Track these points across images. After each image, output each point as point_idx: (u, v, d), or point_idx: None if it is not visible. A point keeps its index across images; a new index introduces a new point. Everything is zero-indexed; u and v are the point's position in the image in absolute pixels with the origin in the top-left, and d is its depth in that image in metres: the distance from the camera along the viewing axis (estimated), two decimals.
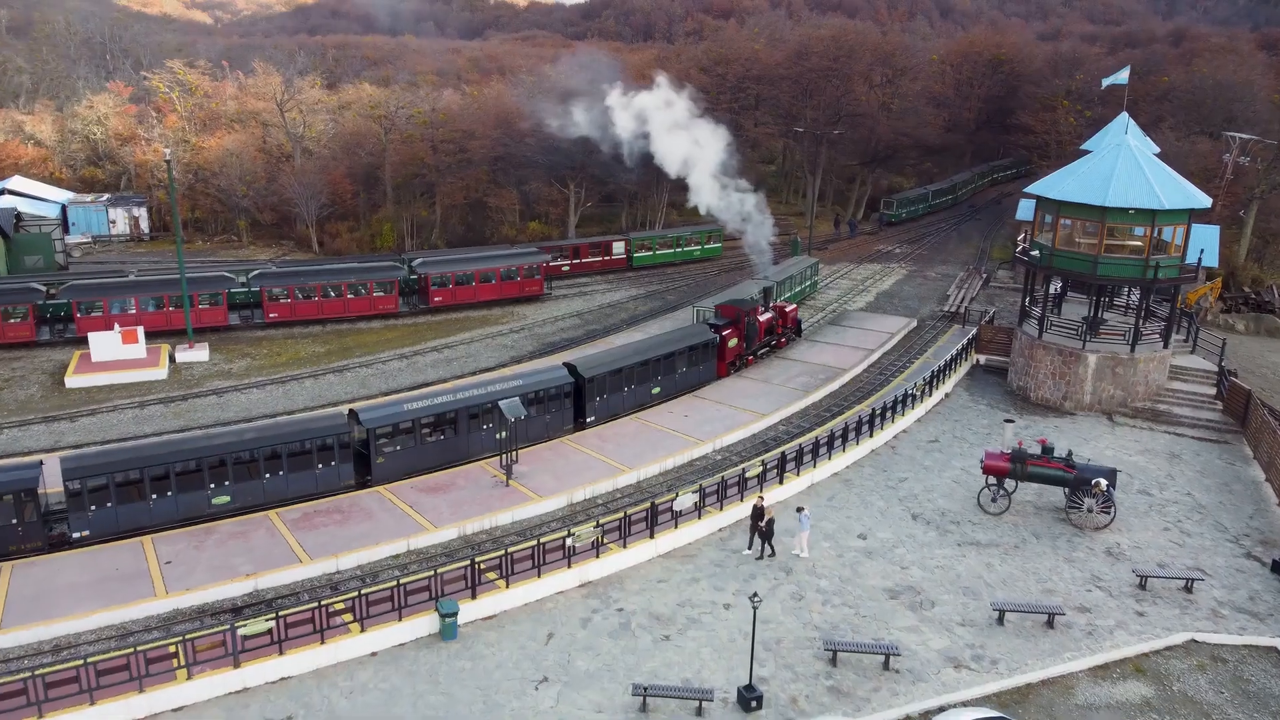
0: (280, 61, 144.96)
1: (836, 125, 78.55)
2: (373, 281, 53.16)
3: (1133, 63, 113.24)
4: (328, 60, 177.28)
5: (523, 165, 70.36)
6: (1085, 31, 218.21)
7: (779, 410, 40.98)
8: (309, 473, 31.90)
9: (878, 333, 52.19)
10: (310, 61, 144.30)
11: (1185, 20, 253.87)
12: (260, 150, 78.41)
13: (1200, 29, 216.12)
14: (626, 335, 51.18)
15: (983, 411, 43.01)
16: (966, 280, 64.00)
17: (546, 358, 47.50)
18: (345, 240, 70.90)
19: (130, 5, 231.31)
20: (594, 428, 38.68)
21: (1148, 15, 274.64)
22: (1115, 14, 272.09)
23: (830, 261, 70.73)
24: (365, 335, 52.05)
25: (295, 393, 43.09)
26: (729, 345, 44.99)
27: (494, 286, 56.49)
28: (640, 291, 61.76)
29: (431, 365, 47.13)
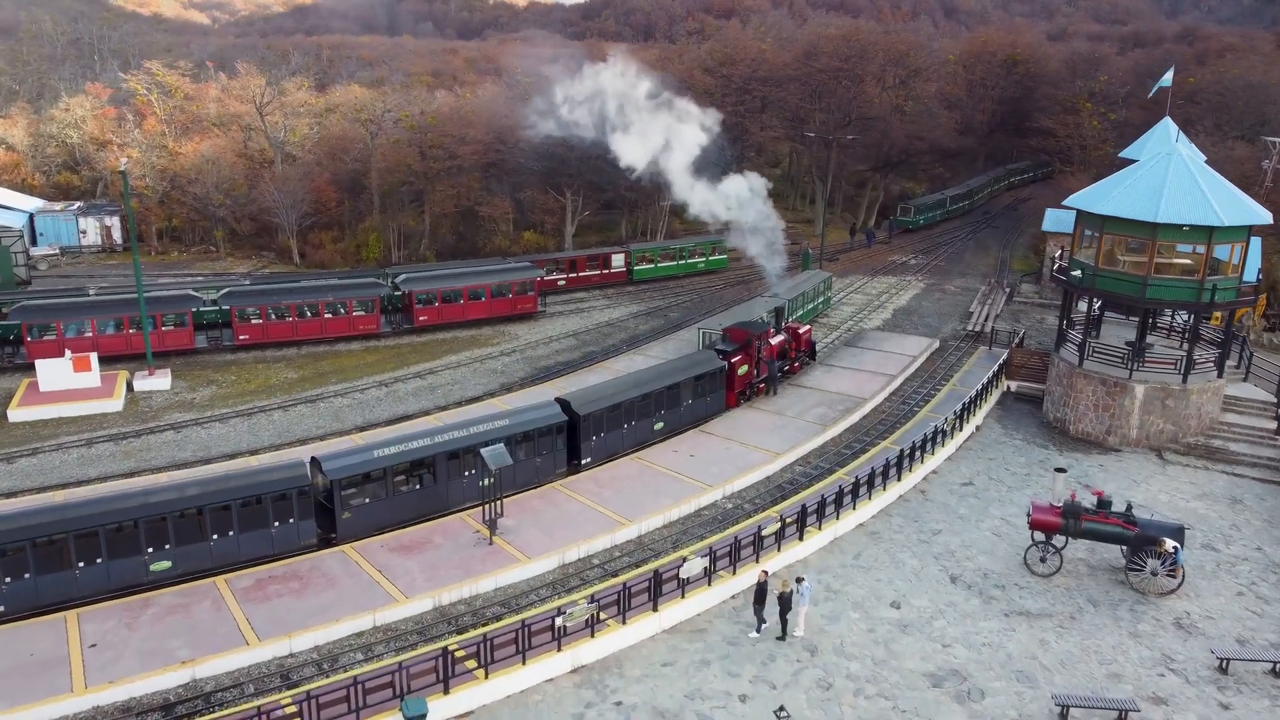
0: (273, 62, 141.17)
1: (847, 128, 74.60)
2: (352, 300, 49.21)
3: (1151, 63, 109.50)
4: (322, 61, 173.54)
5: (516, 172, 66.44)
6: (1092, 31, 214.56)
7: (794, 448, 37.02)
8: (264, 531, 27.95)
9: (898, 355, 48.22)
10: (304, 62, 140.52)
11: (1189, 20, 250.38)
12: (241, 155, 74.45)
13: (1210, 28, 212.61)
14: (627, 359, 47.24)
15: (1018, 447, 39.06)
16: (989, 295, 60.04)
17: (539, 385, 43.58)
18: (329, 251, 66.93)
19: (125, 5, 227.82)
20: (590, 470, 34.73)
21: (1154, 15, 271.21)
22: (1121, 13, 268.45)
23: (842, 274, 66.77)
24: (343, 358, 48.10)
25: (261, 427, 39.13)
26: (738, 373, 41.06)
27: (483, 304, 52.53)
28: (641, 308, 57.79)
29: (413, 394, 43.18)
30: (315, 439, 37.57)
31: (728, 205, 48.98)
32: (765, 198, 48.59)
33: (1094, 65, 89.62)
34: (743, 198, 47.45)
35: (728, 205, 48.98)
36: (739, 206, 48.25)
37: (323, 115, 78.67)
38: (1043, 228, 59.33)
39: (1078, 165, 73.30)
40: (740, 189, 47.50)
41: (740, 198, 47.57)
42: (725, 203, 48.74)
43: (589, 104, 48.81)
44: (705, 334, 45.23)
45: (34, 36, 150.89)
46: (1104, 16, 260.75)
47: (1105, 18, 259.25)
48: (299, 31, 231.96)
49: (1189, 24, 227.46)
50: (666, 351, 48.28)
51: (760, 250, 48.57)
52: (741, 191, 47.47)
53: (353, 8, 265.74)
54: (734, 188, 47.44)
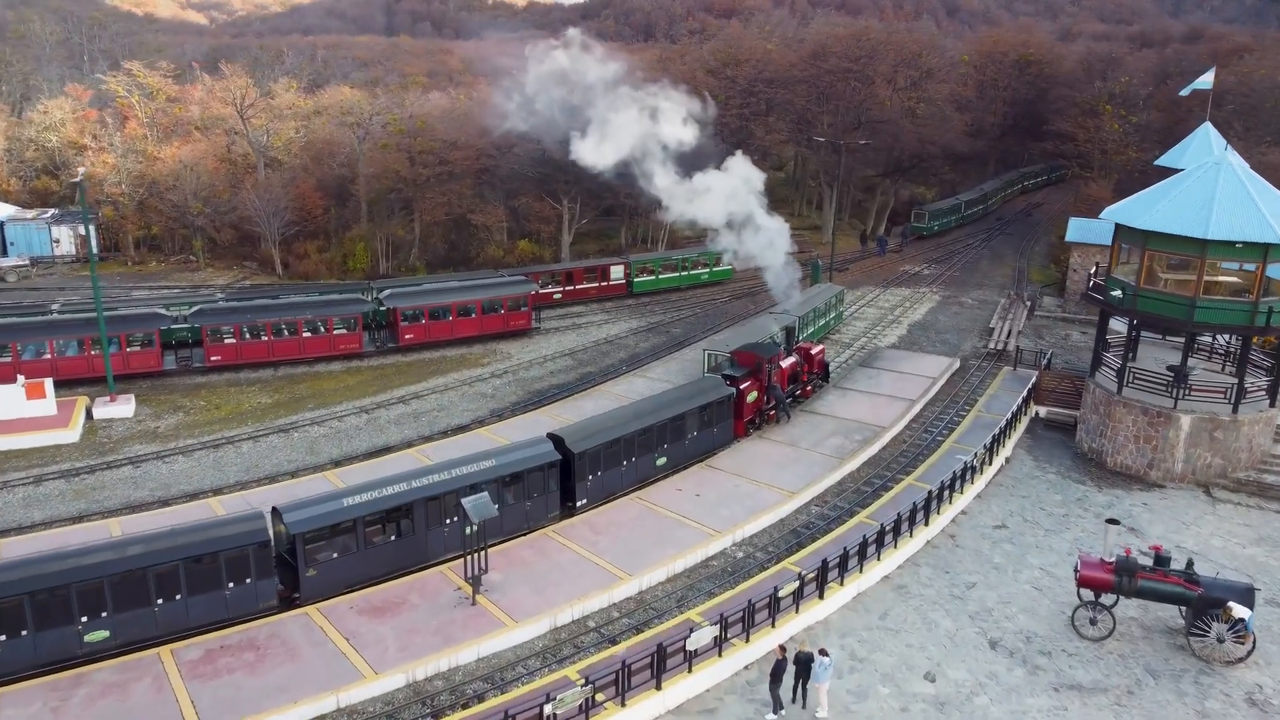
0: (266, 63, 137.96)
1: (857, 132, 71.40)
2: (332, 318, 45.99)
3: (1164, 63, 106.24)
4: (316, 61, 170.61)
5: (511, 178, 63.26)
6: (1097, 31, 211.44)
7: (810, 485, 33.80)
8: (216, 594, 24.74)
9: (917, 377, 45.01)
10: (299, 62, 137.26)
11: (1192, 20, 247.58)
12: (224, 160, 71.26)
13: (1219, 28, 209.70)
14: (626, 381, 44.04)
15: (1052, 483, 35.84)
16: (1009, 309, 56.83)
17: (531, 411, 40.38)
18: (314, 262, 63.72)
19: (120, 5, 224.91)
20: (585, 513, 31.52)
21: (1158, 14, 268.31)
22: (1126, 13, 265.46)
23: (853, 285, 63.54)
24: (323, 381, 44.88)
25: (228, 461, 35.90)
26: (748, 400, 37.85)
27: (474, 321, 49.31)
28: (641, 323, 54.57)
29: (395, 422, 39.95)
30: (285, 475, 34.38)
31: (712, 206, 45.10)
32: (760, 194, 44.27)
33: (1110, 66, 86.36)
34: (732, 195, 42.99)
35: (712, 206, 45.10)
36: (728, 207, 44.08)
37: (310, 118, 75.43)
38: (1066, 238, 56.11)
39: (1098, 171, 70.06)
40: (725, 185, 43.35)
41: (729, 195, 43.20)
42: (708, 203, 44.83)
43: (556, 95, 45.05)
44: (711, 356, 42.01)
45: (21, 37, 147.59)
46: (1109, 16, 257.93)
47: (1110, 17, 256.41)
48: (295, 31, 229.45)
49: (1196, 23, 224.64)
50: (669, 372, 45.10)
51: (765, 261, 45.08)
52: (729, 188, 43.29)
53: (350, 7, 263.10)
54: (719, 184, 43.07)
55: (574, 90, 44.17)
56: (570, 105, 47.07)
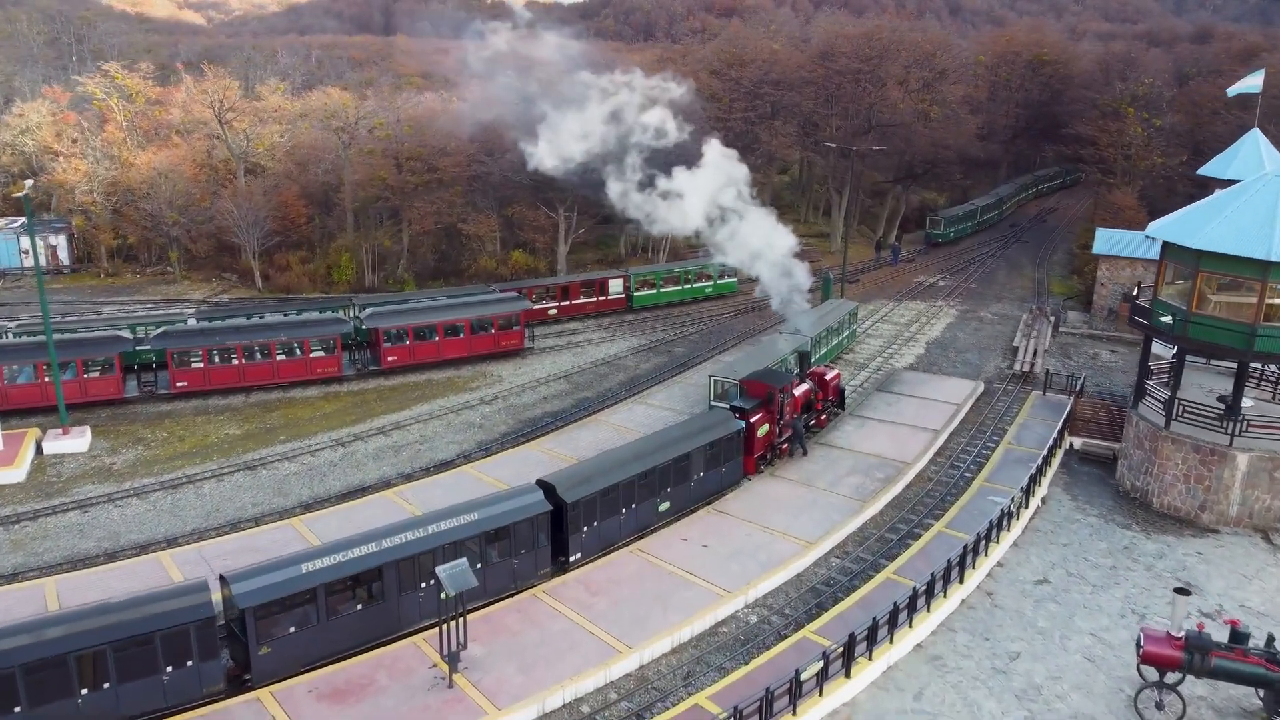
0: (258, 64, 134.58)
1: (868, 136, 68.13)
2: (308, 340, 42.66)
3: (1180, 63, 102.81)
4: (310, 62, 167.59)
5: (504, 185, 59.89)
6: (1102, 30, 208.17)
7: (829, 534, 30.48)
8: (152, 680, 21.43)
9: (939, 404, 41.69)
10: (292, 63, 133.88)
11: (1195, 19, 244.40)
12: (204, 166, 67.96)
13: (1228, 27, 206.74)
14: (626, 409, 40.72)
15: (1095, 527, 32.50)
16: (1032, 325, 53.49)
17: (522, 445, 37.06)
18: (296, 274, 60.43)
19: (114, 5, 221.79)
20: (580, 569, 28.21)
21: (1163, 13, 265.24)
22: (1131, 12, 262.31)
23: (865, 297, 60.22)
24: (298, 408, 41.56)
25: (187, 504, 32.59)
26: (758, 434, 34.53)
27: (462, 342, 45.99)
28: (642, 342, 51.22)
29: (374, 456, 36.62)
30: (248, 523, 31.09)
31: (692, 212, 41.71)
32: (746, 193, 40.45)
33: (1128, 66, 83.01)
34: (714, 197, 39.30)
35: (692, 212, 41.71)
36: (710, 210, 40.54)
37: (296, 121, 72.08)
38: (1094, 249, 52.77)
39: (1121, 177, 66.73)
40: (705, 185, 39.24)
41: (709, 198, 39.39)
42: (686, 209, 41.36)
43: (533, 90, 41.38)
44: (718, 383, 38.64)
45: (8, 36, 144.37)
46: (1114, 15, 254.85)
47: (1115, 16, 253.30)
48: (292, 31, 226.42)
49: (1205, 22, 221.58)
50: (671, 399, 41.81)
51: (769, 276, 41.31)
52: (710, 188, 39.18)
53: (348, 7, 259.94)
54: (697, 184, 38.90)
55: (530, 81, 40.34)
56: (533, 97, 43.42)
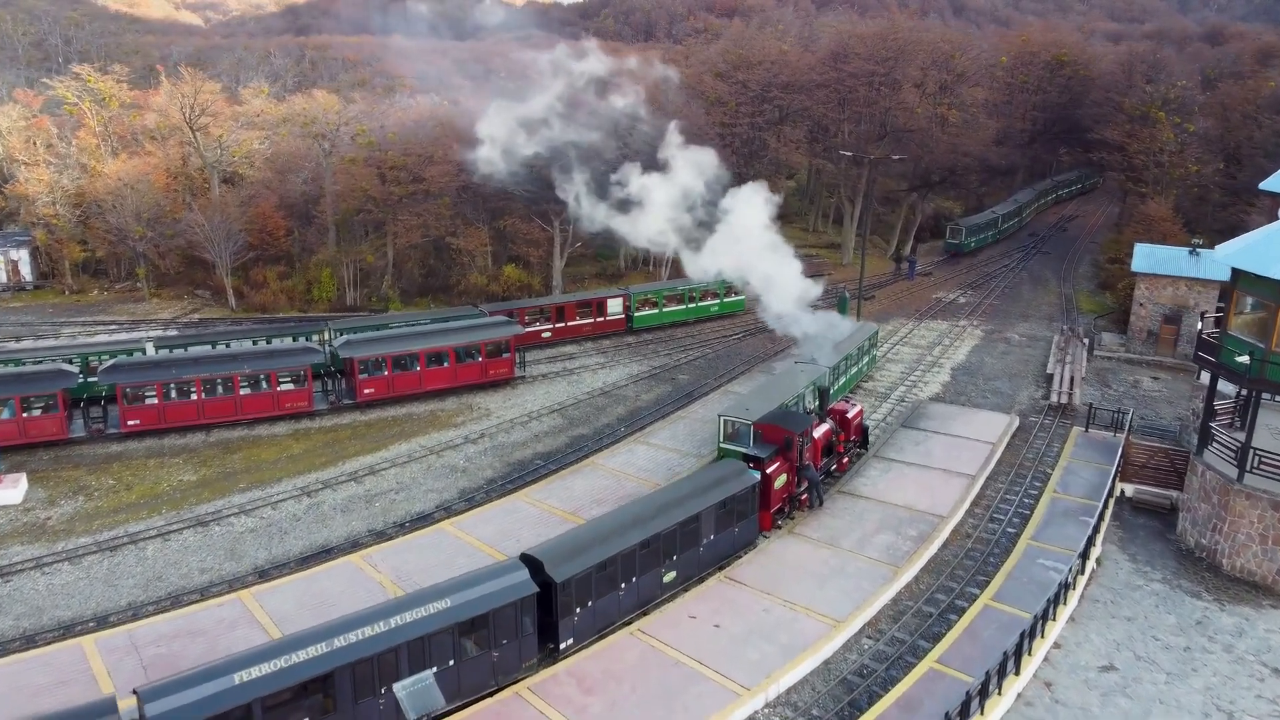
0: (250, 65, 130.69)
1: (882, 142, 64.21)
2: (275, 372, 38.67)
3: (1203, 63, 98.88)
4: (304, 63, 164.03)
5: (495, 196, 55.92)
6: (1109, 30, 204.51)
7: (859, 608, 26.47)
8: None
9: (972, 442, 37.69)
10: (285, 64, 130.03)
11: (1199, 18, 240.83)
12: (178, 175, 64.02)
13: (1238, 26, 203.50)
14: (626, 450, 36.73)
15: (1160, 595, 28.50)
16: (1065, 348, 49.50)
17: (509, 496, 33.06)
18: (273, 291, 56.51)
19: (109, 5, 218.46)
20: (571, 658, 24.19)
21: (1169, 12, 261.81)
22: (1137, 11, 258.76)
23: (882, 316, 56.25)
24: (262, 448, 37.56)
25: (125, 571, 28.61)
26: (775, 486, 30.57)
27: (446, 371, 42.01)
28: (643, 369, 47.22)
29: (343, 507, 32.64)
30: (193, 595, 27.14)
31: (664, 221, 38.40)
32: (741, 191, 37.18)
33: (1152, 68, 79.00)
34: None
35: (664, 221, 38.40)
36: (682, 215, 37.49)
37: (278, 126, 68.09)
38: (1133, 267, 48.79)
39: (1153, 186, 62.74)
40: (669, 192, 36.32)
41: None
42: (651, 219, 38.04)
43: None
44: (729, 424, 34.62)
45: None
46: (1119, 14, 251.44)
47: (1121, 15, 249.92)
48: (288, 32, 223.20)
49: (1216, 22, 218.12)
50: (676, 437, 37.82)
51: (771, 298, 37.34)
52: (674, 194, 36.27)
53: (345, 7, 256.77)
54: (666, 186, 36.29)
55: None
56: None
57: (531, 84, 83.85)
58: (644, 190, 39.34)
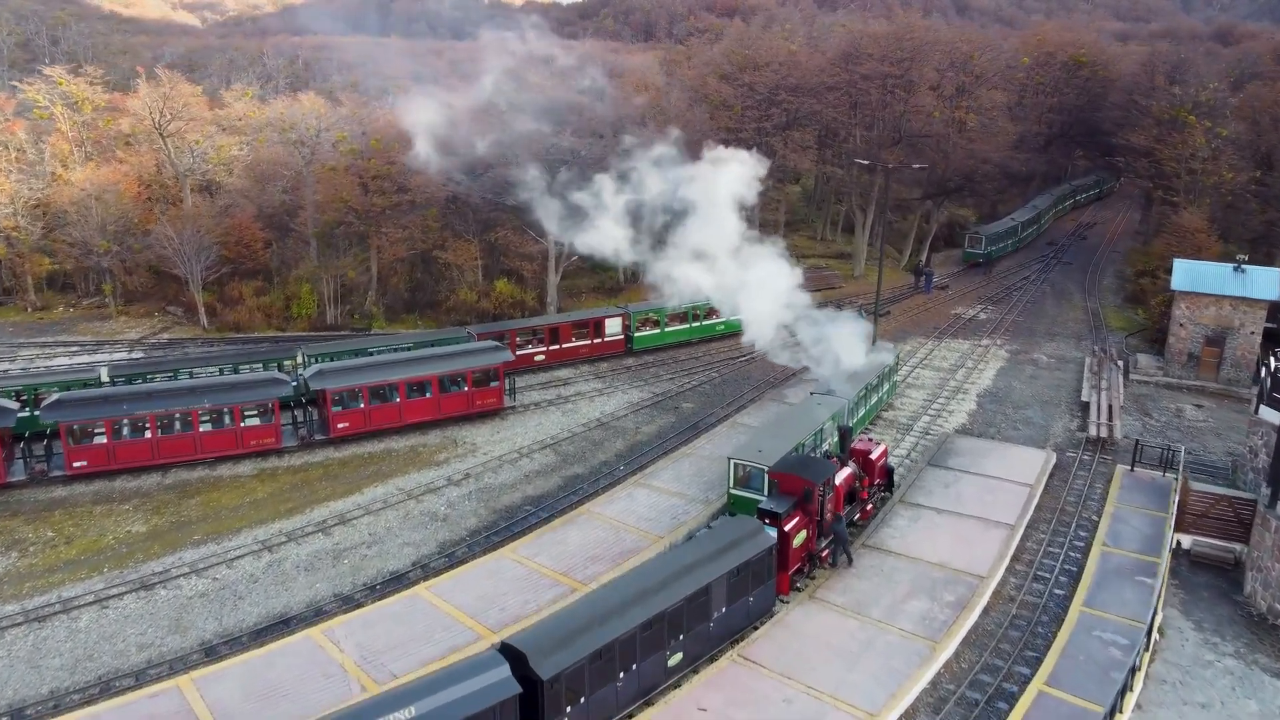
0: (242, 66, 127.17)
1: (896, 147, 60.68)
2: (238, 406, 35.10)
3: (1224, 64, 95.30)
4: (297, 64, 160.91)
5: (485, 207, 52.41)
6: (1116, 29, 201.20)
7: (894, 697, 22.89)
8: None
9: (1008, 484, 34.12)
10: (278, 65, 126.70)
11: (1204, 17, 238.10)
12: (151, 184, 60.45)
13: (1248, 26, 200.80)
14: (625, 494, 33.14)
15: (1235, 674, 24.93)
16: (1099, 371, 45.95)
17: (496, 551, 29.47)
18: (249, 308, 52.93)
19: (103, 5, 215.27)
20: None
21: (1174, 11, 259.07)
22: (1142, 10, 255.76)
23: (899, 334, 52.70)
24: (224, 491, 33.99)
25: (52, 649, 25.03)
26: (794, 544, 27.04)
27: (428, 402, 38.43)
28: (645, 396, 43.63)
29: (307, 565, 29.07)
30: (126, 680, 23.58)
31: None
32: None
33: (1177, 68, 75.41)
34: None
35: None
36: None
37: (259, 131, 64.51)
38: (1173, 285, 45.21)
39: (1185, 194, 59.17)
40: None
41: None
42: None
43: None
44: (740, 468, 31.09)
45: None
46: (1125, 14, 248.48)
47: (1126, 15, 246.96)
48: (284, 32, 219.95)
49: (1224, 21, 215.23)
50: (680, 478, 34.25)
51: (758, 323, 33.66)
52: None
53: (343, 7, 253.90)
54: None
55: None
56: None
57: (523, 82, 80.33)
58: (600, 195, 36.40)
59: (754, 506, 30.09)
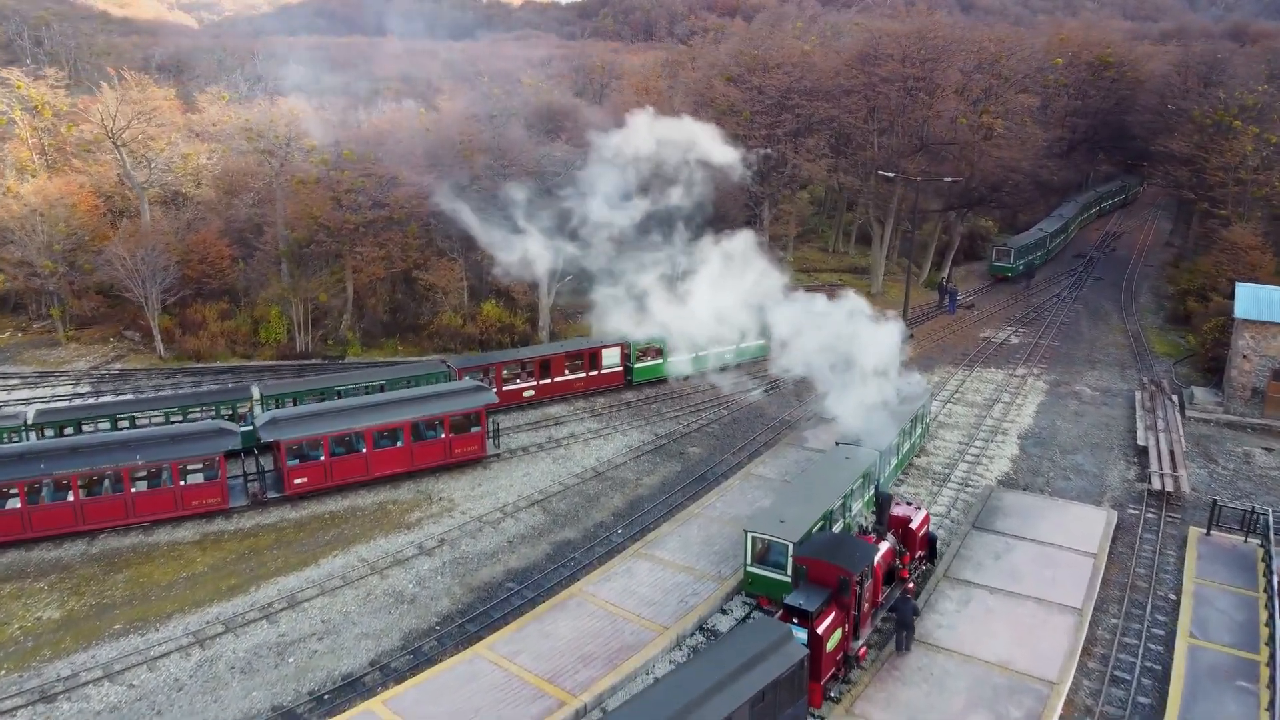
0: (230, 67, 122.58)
1: (917, 155, 56.03)
2: (175, 463, 30.40)
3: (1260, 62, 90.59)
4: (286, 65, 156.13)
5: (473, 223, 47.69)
6: (1125, 28, 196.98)
7: None
8: None
9: (1067, 553, 29.41)
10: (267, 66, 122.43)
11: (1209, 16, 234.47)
12: (111, 197, 55.81)
13: (1262, 25, 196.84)
14: (623, 570, 28.42)
15: None
16: (1152, 408, 41.27)
17: (471, 648, 24.74)
18: (212, 333, 48.26)
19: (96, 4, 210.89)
20: None
21: (1182, 10, 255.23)
22: (1150, 9, 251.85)
23: (924, 362, 48.01)
24: (158, 563, 29.28)
25: None
26: (828, 646, 22.36)
27: (400, 453, 33.72)
28: (646, 439, 38.91)
29: (243, 667, 24.35)
30: None
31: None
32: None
33: (1213, 69, 70.74)
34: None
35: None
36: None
37: (231, 139, 59.69)
38: (1236, 313, 40.51)
39: (1233, 207, 54.47)
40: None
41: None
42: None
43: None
44: (757, 541, 26.40)
45: None
46: (1132, 12, 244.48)
47: (1134, 13, 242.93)
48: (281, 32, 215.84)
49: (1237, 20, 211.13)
50: (688, 547, 29.57)
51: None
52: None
53: (340, 7, 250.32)
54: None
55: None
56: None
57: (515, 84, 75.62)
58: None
59: (774, 586, 25.63)
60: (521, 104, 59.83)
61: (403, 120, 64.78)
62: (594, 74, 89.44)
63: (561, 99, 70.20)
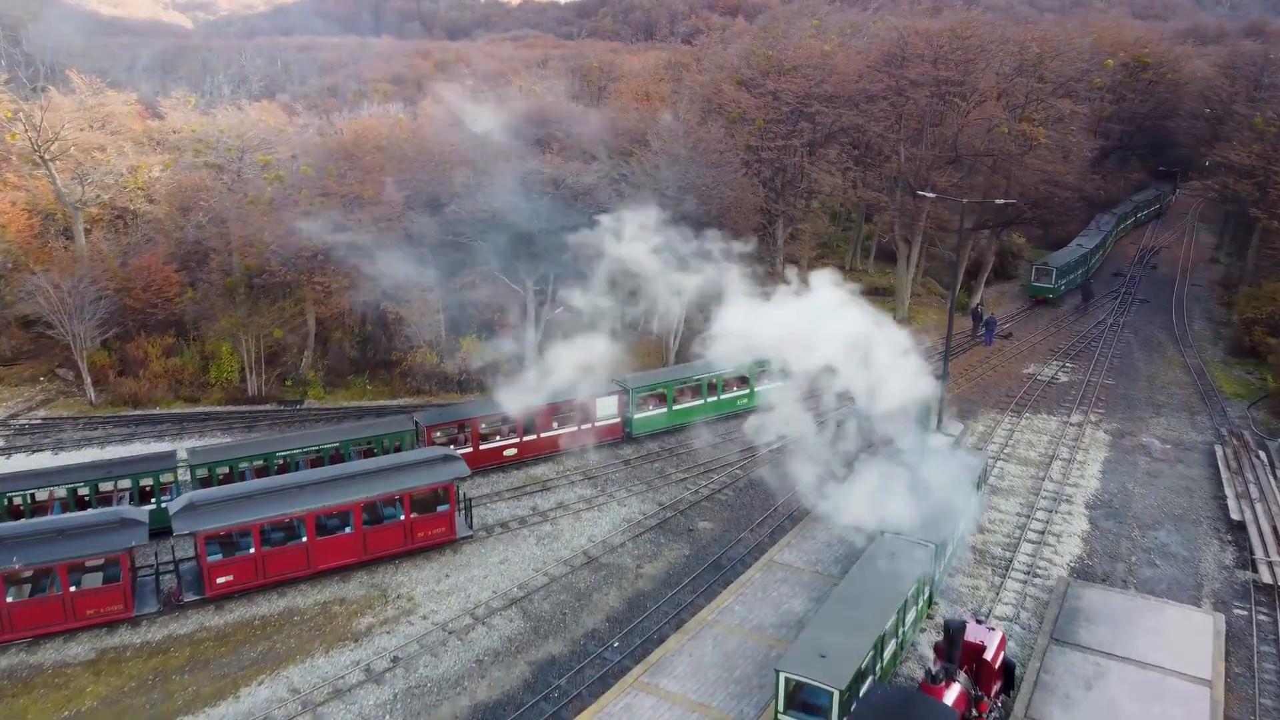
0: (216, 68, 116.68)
1: (950, 167, 50.21)
2: (65, 566, 24.49)
3: None
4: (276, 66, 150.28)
5: (447, 247, 41.88)
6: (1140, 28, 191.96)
7: None
8: None
9: (1173, 680, 23.51)
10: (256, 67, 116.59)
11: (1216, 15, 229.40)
12: (49, 217, 49.94)
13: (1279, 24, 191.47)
14: (621, 705, 22.49)
15: None
16: (1239, 466, 35.38)
17: None
18: (154, 371, 42.45)
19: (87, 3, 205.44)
20: None
21: (1193, 9, 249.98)
22: (1160, 8, 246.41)
23: (963, 405, 42.11)
24: (37, 694, 23.38)
25: None
26: None
27: (349, 540, 27.80)
28: (648, 511, 32.96)
29: None
30: None
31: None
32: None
33: (1263, 70, 64.83)
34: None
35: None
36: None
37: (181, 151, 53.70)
38: None
39: None
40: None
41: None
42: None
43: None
44: (791, 683, 20.50)
45: None
46: (1142, 11, 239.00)
47: (1144, 13, 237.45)
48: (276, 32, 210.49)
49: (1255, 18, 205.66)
50: (701, 673, 23.67)
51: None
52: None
53: (336, 7, 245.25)
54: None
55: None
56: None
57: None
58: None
59: None
60: (508, 115, 53.92)
61: (381, 127, 58.88)
62: (591, 75, 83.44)
63: (556, 105, 64.32)
